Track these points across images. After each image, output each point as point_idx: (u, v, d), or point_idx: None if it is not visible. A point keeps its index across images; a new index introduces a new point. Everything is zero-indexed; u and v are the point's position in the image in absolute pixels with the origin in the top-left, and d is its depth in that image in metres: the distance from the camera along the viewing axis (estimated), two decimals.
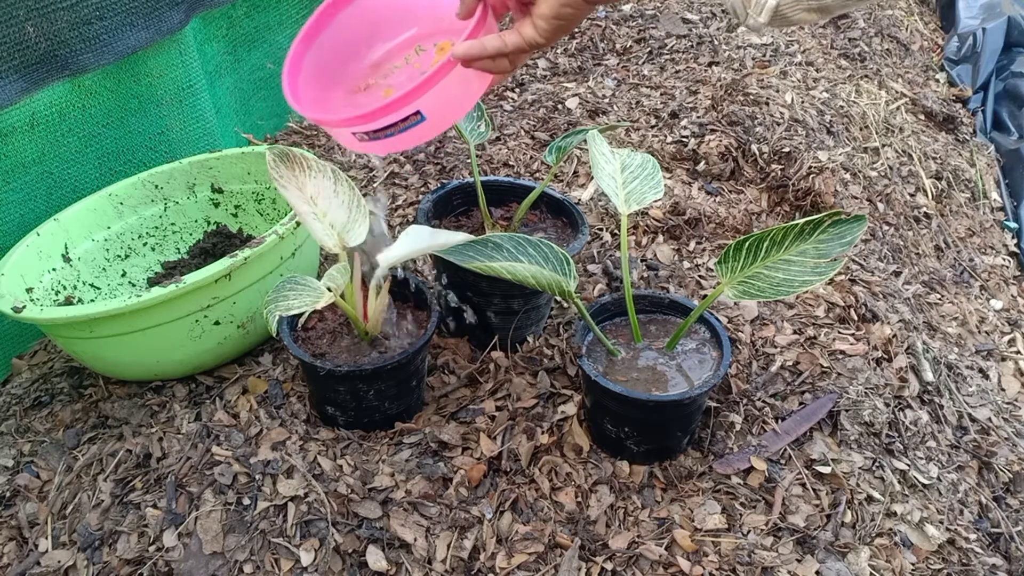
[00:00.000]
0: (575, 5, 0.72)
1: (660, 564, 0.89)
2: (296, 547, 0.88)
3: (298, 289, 0.87)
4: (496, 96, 1.86)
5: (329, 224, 0.93)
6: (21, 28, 1.05)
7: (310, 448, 0.98)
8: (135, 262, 1.26)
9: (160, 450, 0.99)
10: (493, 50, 0.73)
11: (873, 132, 1.78)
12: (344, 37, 0.89)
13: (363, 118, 0.74)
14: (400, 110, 0.73)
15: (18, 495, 0.98)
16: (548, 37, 0.73)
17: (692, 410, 0.97)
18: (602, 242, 1.40)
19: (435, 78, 0.73)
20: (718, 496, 0.96)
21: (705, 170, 1.58)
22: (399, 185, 1.57)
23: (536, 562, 0.88)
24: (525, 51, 0.75)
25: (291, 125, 1.81)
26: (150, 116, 1.31)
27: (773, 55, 1.91)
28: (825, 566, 0.89)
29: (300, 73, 0.87)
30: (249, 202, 1.31)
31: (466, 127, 1.12)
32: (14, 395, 1.13)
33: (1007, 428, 1.13)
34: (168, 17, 1.25)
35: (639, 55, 1.96)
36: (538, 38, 0.74)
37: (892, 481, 0.99)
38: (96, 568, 0.88)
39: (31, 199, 1.17)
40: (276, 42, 1.69)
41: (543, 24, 0.73)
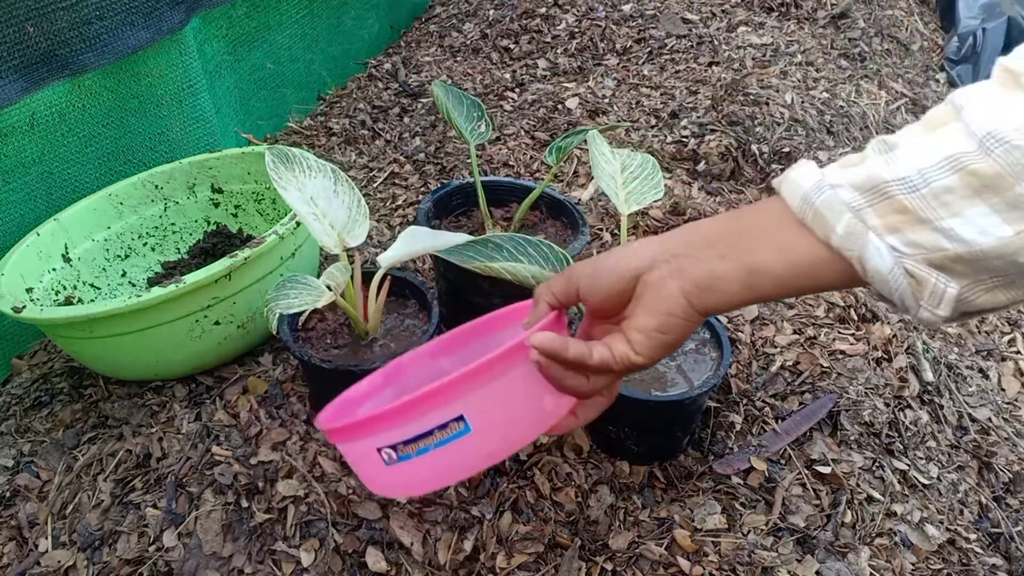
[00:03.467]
0: (686, 316, 0.55)
1: (660, 564, 0.89)
2: (296, 547, 0.88)
3: (299, 288, 0.87)
4: (496, 96, 1.86)
5: (329, 224, 0.93)
6: (21, 28, 1.05)
7: (310, 448, 0.98)
8: (135, 262, 1.26)
9: (160, 450, 0.99)
10: (575, 355, 0.57)
11: (873, 132, 1.78)
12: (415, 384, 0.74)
13: (387, 416, 0.55)
14: (439, 406, 0.55)
15: (18, 495, 0.98)
16: (646, 355, 0.57)
17: (692, 410, 0.97)
18: (602, 242, 1.40)
19: (491, 365, 0.55)
20: (718, 496, 0.96)
21: (705, 170, 1.58)
22: (399, 185, 1.57)
23: (536, 562, 0.88)
24: (611, 372, 0.59)
25: (291, 125, 1.81)
26: (150, 116, 1.31)
27: (773, 55, 1.91)
28: (825, 566, 0.89)
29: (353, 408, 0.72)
30: (249, 202, 1.31)
31: (466, 127, 1.12)
32: (14, 395, 1.13)
33: (1007, 428, 1.13)
34: (168, 17, 1.25)
35: (639, 55, 1.96)
36: (632, 355, 0.57)
37: (892, 481, 0.99)
38: (96, 568, 0.88)
39: (31, 199, 1.17)
40: (276, 42, 1.70)
41: (641, 339, 0.57)
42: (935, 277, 0.47)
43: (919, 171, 0.46)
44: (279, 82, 1.75)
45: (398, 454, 0.56)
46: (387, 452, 0.56)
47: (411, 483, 0.58)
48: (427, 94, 1.89)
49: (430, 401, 0.54)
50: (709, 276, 0.54)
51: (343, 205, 0.96)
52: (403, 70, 2.01)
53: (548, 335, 0.56)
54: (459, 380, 0.54)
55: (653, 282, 0.56)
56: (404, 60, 2.07)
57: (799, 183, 0.51)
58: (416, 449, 0.55)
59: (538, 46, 2.04)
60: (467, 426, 0.55)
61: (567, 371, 0.58)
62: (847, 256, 0.49)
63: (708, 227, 0.56)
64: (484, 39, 2.11)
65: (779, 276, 0.52)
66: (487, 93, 1.87)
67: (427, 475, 0.57)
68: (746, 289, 0.54)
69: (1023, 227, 0.44)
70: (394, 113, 1.84)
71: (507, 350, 0.55)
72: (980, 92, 0.47)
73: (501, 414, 0.57)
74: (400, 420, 0.55)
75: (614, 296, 0.58)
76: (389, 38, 2.24)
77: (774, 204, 0.53)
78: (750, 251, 0.53)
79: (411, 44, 2.20)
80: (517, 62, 2.00)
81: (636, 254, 0.57)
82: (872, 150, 0.50)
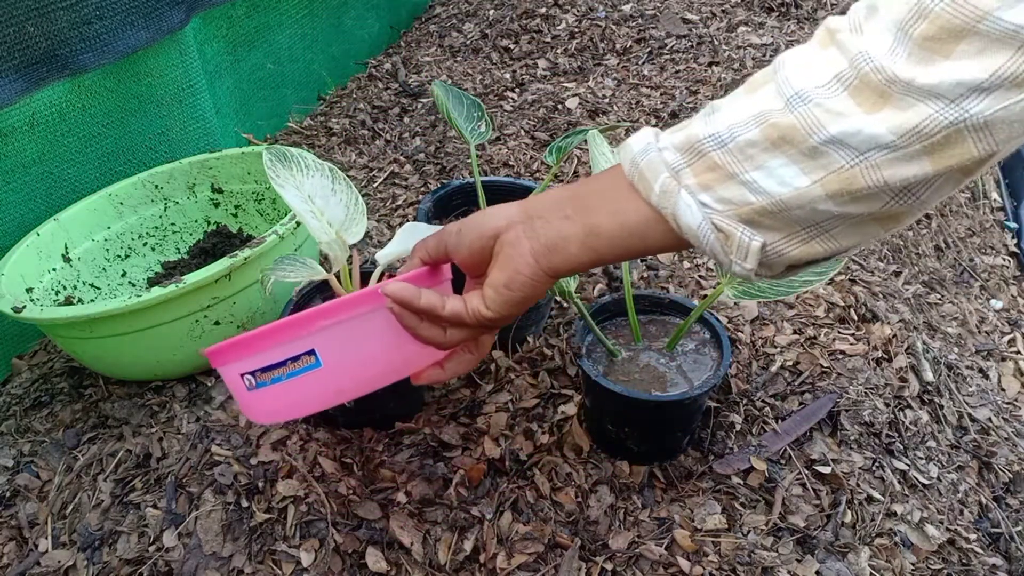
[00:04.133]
0: (533, 275, 0.57)
1: (660, 564, 0.89)
2: (296, 547, 0.88)
3: (296, 265, 0.88)
4: (496, 96, 1.86)
5: (327, 222, 0.93)
6: (21, 27, 1.05)
7: (310, 448, 0.98)
8: (135, 262, 1.26)
9: (160, 450, 0.99)
10: (426, 305, 0.59)
11: None
12: None
13: (246, 342, 0.58)
14: (290, 339, 0.58)
15: (18, 495, 0.98)
16: (495, 310, 0.59)
17: (692, 410, 0.97)
18: None
19: (345, 307, 0.58)
20: (718, 496, 0.96)
21: None
22: (399, 185, 1.57)
23: (536, 562, 0.88)
24: (465, 325, 0.61)
25: (291, 125, 1.81)
26: (150, 116, 1.31)
27: (773, 55, 1.91)
28: (825, 566, 0.89)
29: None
30: (249, 202, 1.31)
31: (466, 127, 1.12)
32: (14, 395, 1.13)
33: (1007, 428, 1.13)
34: (168, 17, 1.25)
35: (639, 55, 1.96)
36: (483, 309, 0.59)
37: (892, 481, 0.99)
38: (96, 568, 0.88)
39: (31, 199, 1.17)
40: (276, 42, 1.70)
41: (492, 294, 0.59)
42: (740, 231, 0.49)
43: (728, 127, 0.49)
44: (279, 82, 1.75)
45: (256, 380, 0.60)
46: (248, 378, 0.60)
47: (270, 411, 0.62)
48: (427, 94, 1.89)
49: (284, 332, 0.58)
50: (554, 237, 0.57)
51: (341, 203, 0.96)
52: (403, 70, 2.01)
53: (401, 284, 0.59)
54: (312, 315, 0.57)
55: (509, 240, 0.58)
56: (404, 60, 2.07)
57: (631, 146, 0.54)
58: (271, 377, 0.59)
59: (538, 46, 2.04)
60: (317, 360, 0.59)
61: (422, 321, 0.60)
62: (663, 214, 0.52)
63: (562, 191, 0.59)
64: (484, 39, 2.11)
65: (613, 236, 0.55)
66: (487, 93, 1.87)
67: (282, 404, 0.61)
68: (587, 250, 0.56)
69: (819, 176, 0.45)
70: (394, 113, 1.84)
71: (361, 294, 0.59)
72: (798, 52, 0.49)
73: (354, 354, 0.60)
74: (256, 347, 0.58)
75: (476, 253, 0.61)
76: (389, 38, 2.24)
77: (615, 169, 0.56)
78: (589, 212, 0.56)
79: (411, 44, 2.20)
80: (517, 62, 2.00)
81: (497, 215, 0.60)
82: (700, 113, 0.53)
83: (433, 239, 0.65)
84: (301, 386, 0.59)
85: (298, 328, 0.58)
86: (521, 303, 0.59)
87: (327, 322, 0.58)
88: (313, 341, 0.58)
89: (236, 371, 0.61)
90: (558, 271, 0.57)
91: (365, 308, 0.60)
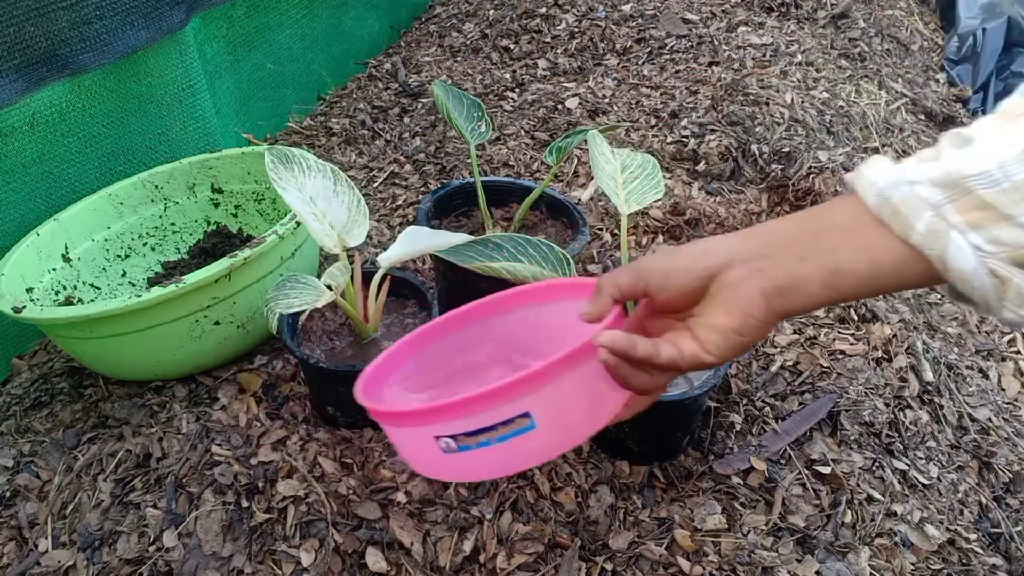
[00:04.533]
0: (764, 318, 0.54)
1: (660, 564, 0.89)
2: (296, 547, 0.88)
3: (298, 288, 0.87)
4: (496, 96, 1.86)
5: (329, 224, 0.93)
6: (21, 27, 1.05)
7: (310, 448, 0.98)
8: (135, 262, 1.26)
9: (160, 450, 0.99)
10: (643, 354, 0.55)
11: (873, 132, 1.78)
12: (441, 357, 0.74)
13: (453, 407, 0.54)
14: (506, 401, 0.54)
15: (18, 495, 0.98)
16: (718, 355, 0.55)
17: (692, 410, 0.97)
18: (602, 242, 1.40)
19: (561, 365, 0.55)
20: (718, 496, 0.96)
21: (705, 170, 1.58)
22: (399, 185, 1.57)
23: (536, 562, 0.88)
24: (677, 371, 0.58)
25: (291, 125, 1.81)
26: (150, 116, 1.31)
27: (773, 55, 1.91)
28: (825, 566, 0.89)
29: (389, 376, 0.71)
30: (249, 202, 1.31)
31: (466, 127, 1.12)
32: (14, 395, 1.13)
33: (1007, 428, 1.13)
34: (168, 17, 1.25)
35: (639, 55, 1.96)
36: (702, 354, 0.55)
37: (892, 481, 0.99)
38: (96, 568, 0.88)
39: (31, 199, 1.17)
40: (276, 42, 1.70)
41: (717, 339, 0.55)
42: (1019, 277, 0.46)
43: (1000, 164, 0.45)
44: (279, 82, 1.75)
45: (458, 444, 0.55)
46: (446, 441, 0.56)
47: (465, 471, 0.59)
48: (427, 94, 1.89)
49: (500, 396, 0.54)
50: (789, 278, 0.53)
51: (343, 205, 0.96)
52: (403, 70, 2.01)
53: (617, 334, 0.55)
54: (530, 378, 0.53)
55: (731, 282, 0.54)
56: (404, 60, 2.07)
57: (874, 180, 0.50)
58: (477, 441, 0.55)
59: (538, 46, 2.04)
60: (532, 423, 0.55)
61: (633, 369, 0.57)
62: (928, 255, 0.48)
63: (783, 226, 0.55)
64: (484, 39, 2.11)
65: (861, 276, 0.51)
66: (487, 93, 1.87)
67: (482, 466, 0.57)
68: (827, 290, 0.53)
69: None
70: (394, 113, 1.84)
71: (578, 349, 0.55)
72: None
73: (565, 411, 0.57)
74: (466, 412, 0.54)
75: (687, 294, 0.57)
76: (389, 38, 2.24)
77: (849, 202, 0.52)
78: (830, 251, 0.52)
79: (411, 44, 2.20)
80: (517, 62, 2.00)
81: (712, 253, 0.56)
82: (947, 143, 0.49)
83: (627, 276, 0.60)
84: (511, 448, 0.56)
85: (514, 391, 0.54)
86: (746, 347, 0.55)
87: (546, 381, 0.55)
88: (528, 403, 0.55)
89: (429, 434, 0.56)
90: (790, 312, 0.54)
91: (581, 361, 0.56)
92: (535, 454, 0.57)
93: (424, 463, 0.60)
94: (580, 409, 0.58)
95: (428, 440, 0.56)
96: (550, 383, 0.55)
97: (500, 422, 0.54)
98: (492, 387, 0.53)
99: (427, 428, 0.56)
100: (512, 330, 0.74)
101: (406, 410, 0.56)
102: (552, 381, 0.55)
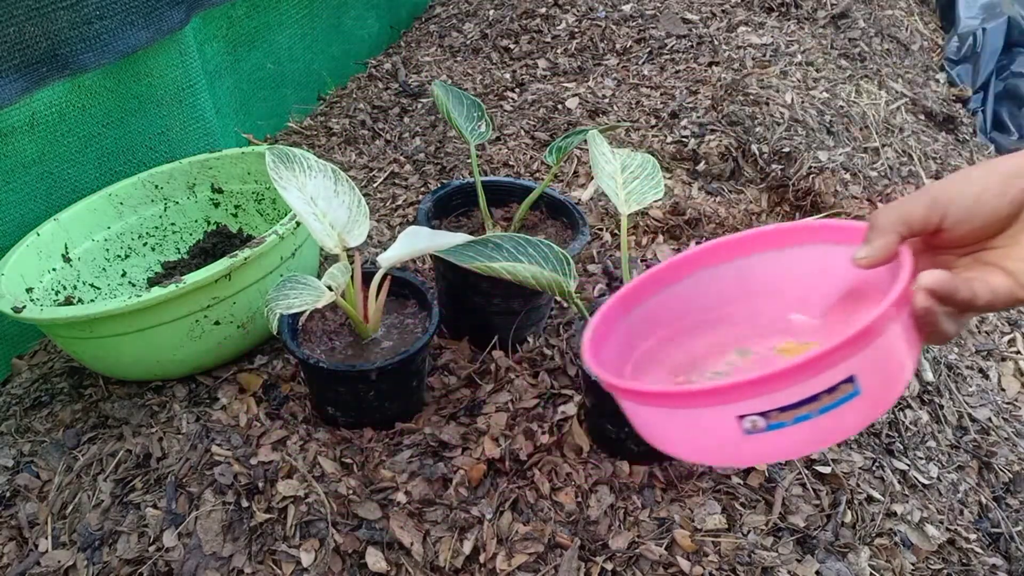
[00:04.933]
0: None
1: (660, 564, 0.89)
2: (296, 547, 0.88)
3: (299, 288, 0.87)
4: (496, 96, 1.86)
5: (329, 224, 0.93)
6: (21, 27, 1.05)
7: (310, 448, 0.98)
8: (135, 262, 1.26)
9: (160, 450, 0.99)
10: (965, 296, 0.48)
11: (873, 132, 1.78)
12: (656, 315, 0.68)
13: (774, 379, 0.47)
14: (833, 365, 0.48)
15: (18, 495, 0.98)
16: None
17: None
18: (602, 242, 1.40)
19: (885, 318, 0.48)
20: (718, 496, 0.96)
21: (705, 170, 1.58)
22: (399, 185, 1.57)
23: (536, 562, 0.88)
24: (988, 310, 0.51)
25: (291, 125, 1.81)
26: (150, 116, 1.31)
27: (773, 55, 1.91)
28: (825, 566, 0.89)
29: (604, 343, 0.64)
30: (249, 202, 1.31)
31: (466, 127, 1.12)
32: (14, 395, 1.13)
33: (1007, 428, 1.13)
34: (168, 17, 1.25)
35: (639, 55, 1.96)
36: (1019, 290, 0.49)
37: (892, 481, 0.99)
38: (96, 568, 0.88)
39: (31, 199, 1.17)
40: (276, 42, 1.70)
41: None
42: None
43: None
44: (279, 82, 1.75)
45: (768, 422, 0.49)
46: (752, 420, 0.49)
47: (764, 453, 0.52)
48: (427, 94, 1.89)
49: (827, 360, 0.47)
50: None
51: (343, 205, 0.96)
52: (403, 70, 2.01)
53: (942, 275, 0.47)
54: (860, 336, 0.47)
55: None
56: (404, 60, 2.07)
57: None
58: (794, 416, 0.49)
59: (538, 46, 2.04)
60: (856, 388, 0.48)
61: (946, 316, 0.49)
62: None
63: None
64: (484, 39, 2.11)
65: None
66: (487, 93, 1.87)
67: (788, 445, 0.51)
68: None
69: None
70: (394, 113, 1.84)
71: (900, 296, 0.49)
72: None
73: (884, 371, 0.50)
74: (787, 383, 0.48)
75: (994, 223, 0.50)
76: (389, 38, 2.24)
77: None
78: None
79: (411, 44, 2.20)
80: (517, 62, 2.00)
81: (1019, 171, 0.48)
82: None
83: (919, 207, 0.51)
84: (830, 420, 0.49)
85: (843, 352, 0.48)
86: None
87: (872, 340, 0.48)
88: (854, 365, 0.48)
89: (731, 413, 0.49)
90: None
91: (900, 312, 0.49)
92: (851, 425, 0.50)
93: (706, 448, 0.53)
94: (893, 369, 0.51)
95: (725, 421, 0.50)
96: (875, 340, 0.48)
97: (824, 390, 0.48)
98: (820, 351, 0.47)
99: (730, 407, 0.49)
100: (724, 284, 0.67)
101: (706, 388, 0.50)
102: (878, 337, 0.48)
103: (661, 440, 0.56)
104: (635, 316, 0.67)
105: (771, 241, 0.65)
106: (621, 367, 0.65)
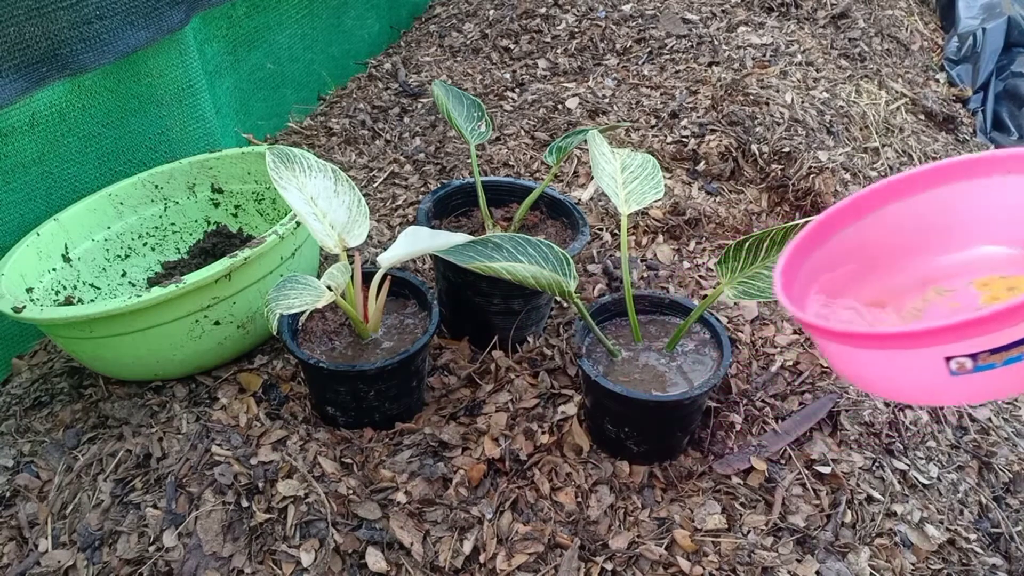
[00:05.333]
0: None
1: (660, 564, 0.89)
2: (296, 547, 0.88)
3: (299, 288, 0.87)
4: (496, 96, 1.86)
5: (329, 224, 0.93)
6: (21, 27, 1.05)
7: (310, 448, 0.98)
8: (135, 262, 1.26)
9: (160, 450, 0.99)
10: None
11: (873, 132, 1.78)
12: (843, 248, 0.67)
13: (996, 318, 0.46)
14: None
15: (18, 495, 0.98)
16: None
17: (692, 410, 0.97)
18: (602, 242, 1.40)
19: None
20: (718, 496, 0.96)
21: (705, 170, 1.58)
22: (399, 185, 1.57)
23: (536, 562, 0.88)
24: None
25: (291, 125, 1.81)
26: (150, 116, 1.31)
27: (773, 55, 1.91)
28: (825, 566, 0.89)
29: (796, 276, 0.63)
30: (249, 202, 1.31)
31: (466, 127, 1.12)
32: (14, 395, 1.13)
33: (1007, 428, 1.13)
34: (168, 17, 1.25)
35: (639, 55, 1.96)
36: None
37: (892, 481, 0.99)
38: (96, 568, 0.88)
39: (31, 199, 1.17)
40: (276, 42, 1.70)
41: None
42: None
43: None
44: (279, 82, 1.75)
45: (976, 364, 0.48)
46: (959, 361, 0.48)
47: (970, 393, 0.52)
48: (427, 94, 1.89)
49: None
50: None
51: (343, 205, 0.96)
52: (403, 70, 2.01)
53: None
54: None
55: None
56: (404, 60, 2.07)
57: None
58: (1004, 359, 0.48)
59: (538, 46, 2.04)
60: None
61: None
62: None
63: None
64: (484, 39, 2.11)
65: None
66: (487, 93, 1.87)
67: (996, 386, 0.50)
68: None
69: None
70: (394, 113, 1.84)
71: None
72: None
73: None
74: (1003, 324, 0.46)
75: None
76: (389, 38, 2.24)
77: None
78: None
79: (411, 44, 2.20)
80: (517, 62, 2.00)
81: None
82: None
83: None
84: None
85: None
86: None
87: None
88: None
89: (939, 354, 0.49)
90: None
91: None
92: None
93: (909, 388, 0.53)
94: None
95: (931, 362, 0.49)
96: None
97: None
98: None
99: (939, 348, 0.48)
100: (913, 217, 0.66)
101: (920, 329, 0.48)
102: None
103: (856, 377, 0.56)
104: (823, 250, 0.66)
105: (962, 172, 0.64)
106: (803, 299, 0.64)
